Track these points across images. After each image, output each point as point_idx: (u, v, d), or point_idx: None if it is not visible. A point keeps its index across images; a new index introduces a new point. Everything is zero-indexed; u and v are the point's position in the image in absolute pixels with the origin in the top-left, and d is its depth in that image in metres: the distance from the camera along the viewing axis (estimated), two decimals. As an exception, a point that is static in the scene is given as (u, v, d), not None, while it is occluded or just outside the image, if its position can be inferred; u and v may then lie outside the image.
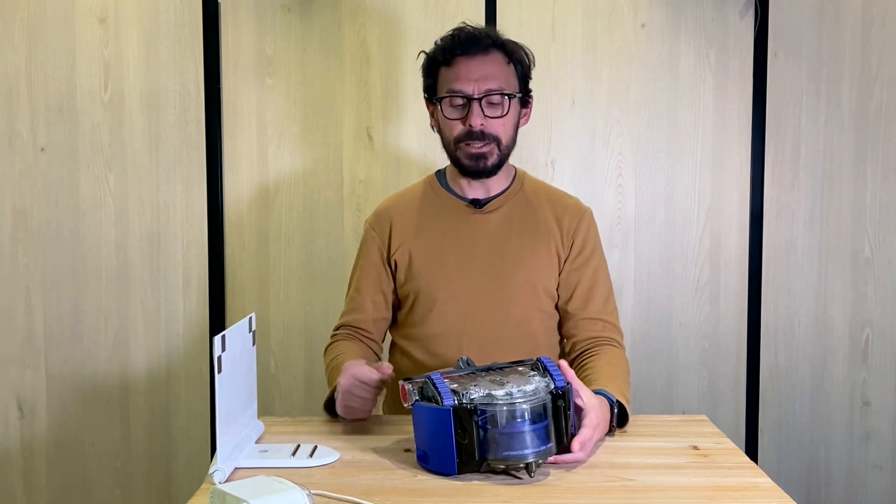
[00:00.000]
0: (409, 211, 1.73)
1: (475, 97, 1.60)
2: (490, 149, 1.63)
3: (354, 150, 2.34)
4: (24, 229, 2.33)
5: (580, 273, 1.70)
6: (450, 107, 1.63)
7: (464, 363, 1.38)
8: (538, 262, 1.69)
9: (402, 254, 1.70)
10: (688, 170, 2.37)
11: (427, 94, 1.71)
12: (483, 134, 1.61)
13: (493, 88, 1.61)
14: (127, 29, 2.30)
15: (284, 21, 2.31)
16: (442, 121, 1.66)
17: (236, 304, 2.35)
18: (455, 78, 1.62)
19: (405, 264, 1.70)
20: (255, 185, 2.34)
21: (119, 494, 2.37)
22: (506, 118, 1.64)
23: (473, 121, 1.61)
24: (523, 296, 1.68)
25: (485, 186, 1.71)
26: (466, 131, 1.62)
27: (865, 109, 2.35)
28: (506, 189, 1.72)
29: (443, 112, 1.64)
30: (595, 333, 1.67)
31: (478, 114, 1.61)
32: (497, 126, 1.63)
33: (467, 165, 1.65)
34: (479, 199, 1.71)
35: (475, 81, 1.61)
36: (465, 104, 1.62)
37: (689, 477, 1.27)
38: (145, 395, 2.36)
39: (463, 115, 1.62)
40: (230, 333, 1.29)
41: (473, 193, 1.71)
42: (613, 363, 1.60)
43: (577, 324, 1.69)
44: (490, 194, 1.71)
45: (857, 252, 2.38)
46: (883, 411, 2.40)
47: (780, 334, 2.40)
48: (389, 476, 1.28)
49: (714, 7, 2.33)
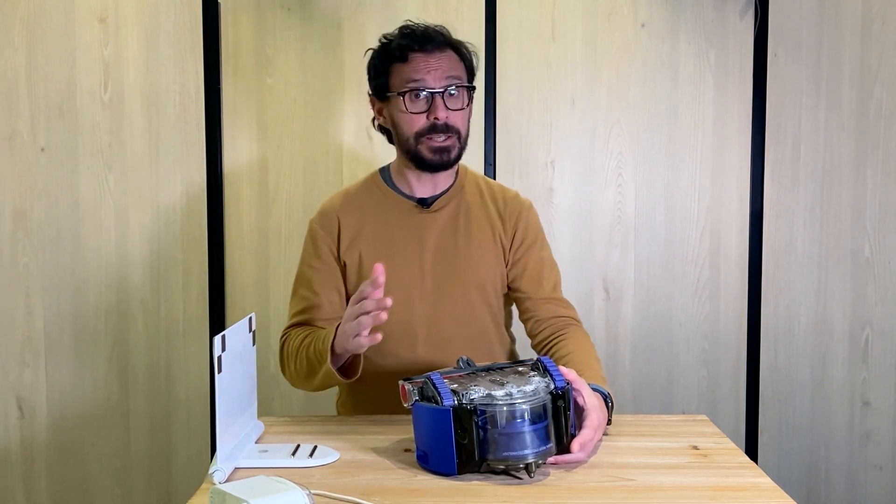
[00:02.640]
0: (357, 211, 1.72)
1: (438, 90, 1.61)
2: (452, 142, 1.64)
3: (354, 150, 2.34)
4: (24, 230, 2.33)
5: (526, 259, 1.72)
6: (410, 101, 1.62)
7: (464, 363, 1.38)
8: (485, 258, 1.70)
9: (351, 254, 1.69)
10: (688, 170, 2.37)
11: (377, 91, 1.70)
12: (447, 126, 1.62)
13: (453, 81, 1.63)
14: (127, 29, 2.30)
15: (284, 21, 2.31)
16: (399, 116, 1.65)
17: (236, 304, 2.35)
18: (414, 71, 1.62)
19: (355, 265, 1.69)
20: (254, 185, 2.34)
21: (119, 495, 2.37)
22: (465, 111, 1.66)
23: (439, 114, 1.61)
24: (473, 293, 1.69)
25: (433, 183, 1.71)
26: (429, 125, 1.62)
27: (865, 109, 2.35)
28: (450, 186, 1.73)
29: (402, 107, 1.63)
30: (552, 313, 1.69)
31: (442, 107, 1.61)
32: (458, 119, 1.64)
33: (430, 160, 1.64)
34: (425, 199, 1.71)
35: (436, 75, 1.62)
36: (428, 98, 1.62)
37: (689, 477, 1.27)
38: (145, 395, 2.36)
39: (424, 108, 1.62)
40: (230, 333, 1.29)
41: (421, 191, 1.71)
42: (583, 347, 1.62)
43: (534, 305, 1.70)
44: (437, 191, 1.72)
45: (857, 252, 2.38)
46: (883, 411, 2.40)
47: (780, 334, 2.40)
48: (389, 476, 1.28)
49: (714, 7, 2.33)
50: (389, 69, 1.67)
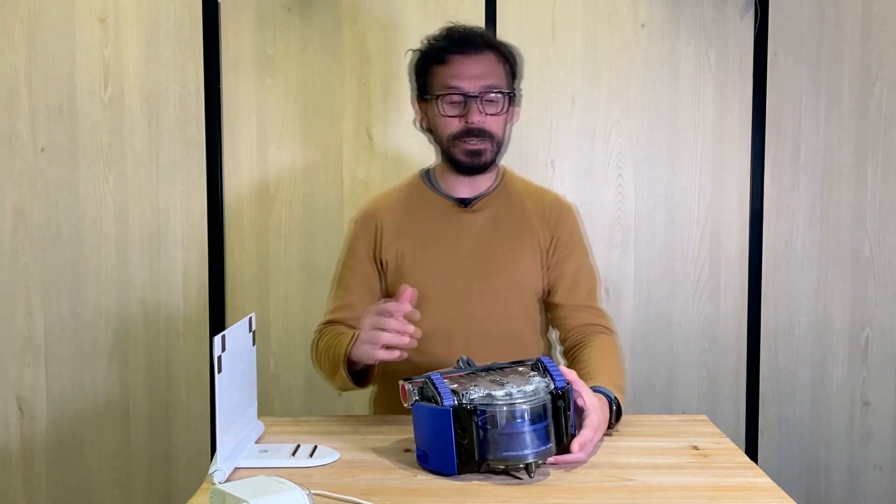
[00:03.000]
0: (397, 210, 1.73)
1: (474, 95, 1.61)
2: (486, 145, 1.64)
3: (354, 150, 2.34)
4: (24, 229, 2.33)
5: (564, 265, 1.71)
6: (447, 104, 1.64)
7: (464, 363, 1.38)
8: (523, 260, 1.70)
9: (390, 253, 1.70)
10: (688, 170, 2.37)
11: (419, 93, 1.71)
12: (480, 131, 1.63)
13: (490, 86, 1.63)
14: (127, 29, 2.30)
15: (284, 21, 2.31)
16: (437, 118, 1.66)
17: (236, 304, 2.35)
18: (451, 75, 1.63)
19: (394, 263, 1.70)
20: (255, 185, 2.34)
21: (119, 494, 2.37)
22: (501, 116, 1.65)
23: (473, 118, 1.62)
24: (510, 294, 1.69)
25: (473, 185, 1.72)
26: (464, 129, 1.63)
27: (865, 109, 2.35)
28: (491, 188, 1.73)
29: (439, 109, 1.64)
30: (584, 321, 1.68)
31: (476, 111, 1.62)
32: (493, 123, 1.64)
33: (464, 162, 1.66)
34: (465, 199, 1.71)
35: (473, 79, 1.62)
36: (463, 102, 1.62)
37: (689, 477, 1.27)
38: (145, 395, 2.36)
39: (460, 112, 1.63)
40: (230, 333, 1.29)
41: (461, 192, 1.72)
42: (605, 353, 1.60)
43: (565, 313, 1.70)
44: (477, 192, 1.72)
45: (857, 252, 2.38)
46: (883, 411, 2.40)
47: (780, 334, 2.40)
48: (389, 476, 1.28)
49: (714, 7, 2.33)
50: (429, 71, 1.67)
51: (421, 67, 1.69)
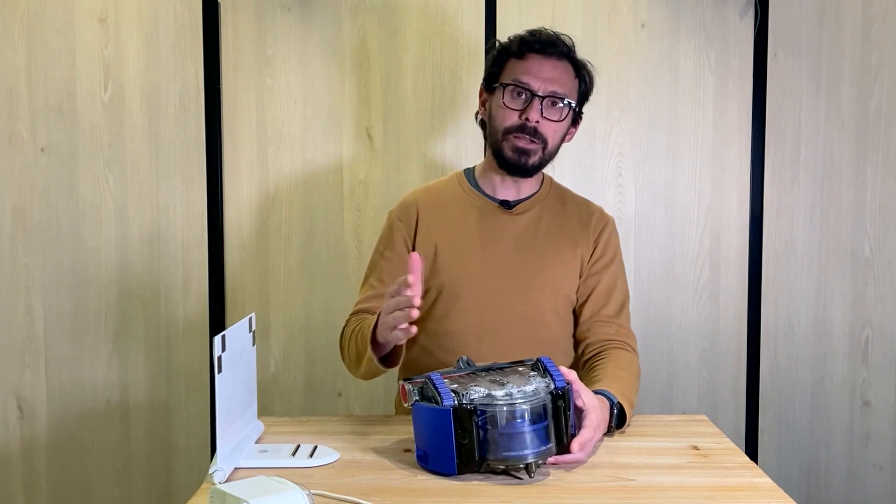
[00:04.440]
0: (437, 205, 1.72)
1: (540, 94, 1.61)
2: (536, 147, 1.63)
3: (354, 150, 2.34)
4: (24, 229, 2.33)
5: (598, 277, 1.70)
6: (510, 96, 1.63)
7: (464, 363, 1.38)
8: (562, 266, 1.69)
9: (427, 247, 1.69)
10: (688, 170, 2.37)
11: (486, 82, 1.71)
12: (535, 131, 1.62)
13: (558, 92, 1.63)
14: (127, 29, 2.30)
15: (284, 21, 2.31)
16: (496, 108, 1.65)
17: (236, 304, 2.35)
18: (524, 71, 1.63)
19: (430, 258, 1.68)
20: (255, 185, 2.34)
21: (119, 494, 2.37)
22: (560, 124, 1.65)
23: (531, 115, 1.61)
24: (545, 299, 1.67)
25: (516, 188, 1.71)
26: (520, 124, 1.62)
27: (865, 109, 2.35)
28: (535, 193, 1.73)
29: (501, 100, 1.64)
30: (608, 336, 1.67)
31: (537, 110, 1.61)
32: (549, 129, 1.64)
33: (510, 158, 1.64)
34: (508, 201, 1.71)
35: (544, 80, 1.62)
36: (527, 98, 1.62)
37: (689, 477, 1.27)
38: (145, 395, 2.36)
39: (521, 107, 1.62)
40: (230, 333, 1.29)
41: (504, 194, 1.71)
42: (621, 365, 1.59)
43: (590, 326, 1.69)
44: (520, 196, 1.72)
45: (857, 252, 2.38)
46: (883, 411, 2.40)
47: (780, 334, 2.40)
48: (389, 476, 1.28)
49: (714, 7, 2.33)
50: (505, 62, 1.67)
51: (498, 58, 1.69)
